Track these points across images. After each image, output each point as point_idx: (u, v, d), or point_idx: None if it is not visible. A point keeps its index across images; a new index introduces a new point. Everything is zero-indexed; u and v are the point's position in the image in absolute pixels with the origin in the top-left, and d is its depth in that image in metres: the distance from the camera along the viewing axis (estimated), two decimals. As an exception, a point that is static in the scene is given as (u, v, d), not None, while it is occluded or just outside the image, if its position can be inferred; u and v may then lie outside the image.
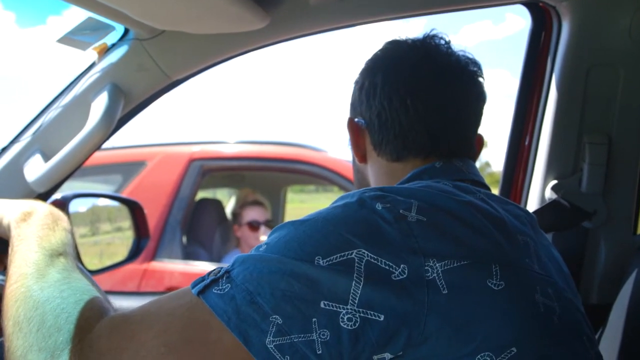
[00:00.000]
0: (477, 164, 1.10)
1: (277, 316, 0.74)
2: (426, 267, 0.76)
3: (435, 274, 0.76)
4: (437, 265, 0.77)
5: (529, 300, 0.81)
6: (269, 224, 3.79)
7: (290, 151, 3.90)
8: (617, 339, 1.35)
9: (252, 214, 3.81)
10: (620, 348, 1.34)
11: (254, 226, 3.77)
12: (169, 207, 3.56)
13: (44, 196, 1.43)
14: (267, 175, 4.69)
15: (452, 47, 1.09)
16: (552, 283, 0.86)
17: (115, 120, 1.37)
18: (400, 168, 1.05)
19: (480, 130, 1.11)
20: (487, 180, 1.04)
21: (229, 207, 4.49)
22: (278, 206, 4.92)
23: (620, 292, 1.41)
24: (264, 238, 3.68)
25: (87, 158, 1.39)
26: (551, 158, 1.57)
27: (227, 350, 0.75)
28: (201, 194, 4.41)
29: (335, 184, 3.88)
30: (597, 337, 1.42)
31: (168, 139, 4.05)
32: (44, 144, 1.42)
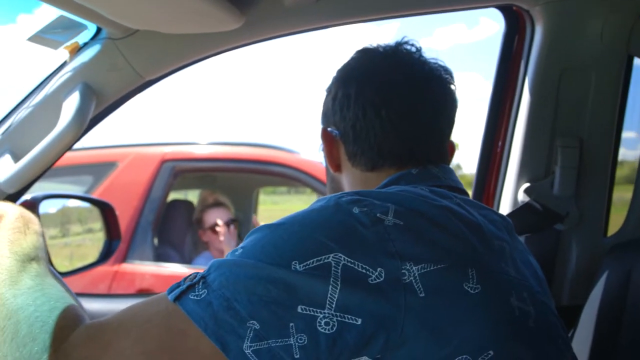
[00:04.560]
0: (449, 167, 1.10)
1: (254, 321, 0.74)
2: (403, 271, 0.76)
3: (412, 277, 0.76)
4: (414, 268, 0.77)
5: (504, 304, 0.81)
6: (231, 223, 3.75)
7: (263, 153, 3.88)
8: (588, 339, 1.37)
9: (213, 216, 3.77)
10: (591, 349, 1.36)
11: (215, 229, 3.73)
12: (140, 208, 3.51)
13: (13, 197, 1.41)
14: (240, 177, 4.66)
15: (424, 54, 1.08)
16: (527, 287, 0.87)
17: (86, 121, 1.35)
18: (375, 177, 1.04)
19: (452, 134, 1.11)
20: (458, 183, 1.04)
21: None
22: (250, 208, 4.90)
23: (592, 293, 1.42)
24: (224, 238, 3.67)
25: (58, 159, 1.37)
26: (524, 161, 1.58)
27: (205, 357, 0.75)
28: (173, 195, 4.38)
29: (307, 185, 3.86)
30: (568, 338, 1.43)
31: (140, 139, 3.97)
32: (13, 144, 1.39)
